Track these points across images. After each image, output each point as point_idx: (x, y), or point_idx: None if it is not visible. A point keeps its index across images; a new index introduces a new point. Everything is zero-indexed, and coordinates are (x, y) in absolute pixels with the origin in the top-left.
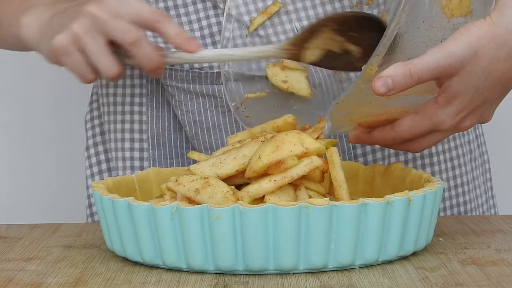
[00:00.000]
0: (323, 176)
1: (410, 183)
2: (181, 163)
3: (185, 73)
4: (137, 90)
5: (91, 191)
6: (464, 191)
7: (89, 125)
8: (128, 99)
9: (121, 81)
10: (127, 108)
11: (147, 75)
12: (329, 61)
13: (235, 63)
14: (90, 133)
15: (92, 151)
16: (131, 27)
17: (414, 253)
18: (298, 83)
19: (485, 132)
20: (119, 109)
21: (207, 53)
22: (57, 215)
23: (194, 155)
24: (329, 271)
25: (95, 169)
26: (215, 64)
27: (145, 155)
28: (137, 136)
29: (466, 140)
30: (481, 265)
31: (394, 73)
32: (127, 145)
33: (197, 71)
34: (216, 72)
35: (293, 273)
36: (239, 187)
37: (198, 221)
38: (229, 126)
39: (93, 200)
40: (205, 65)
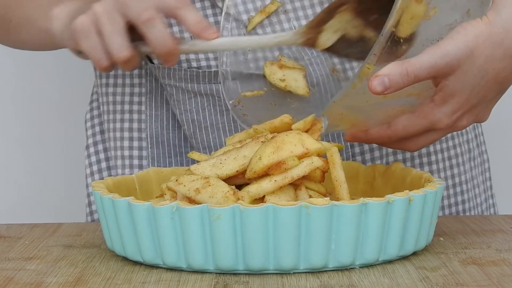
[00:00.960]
0: (324, 176)
1: (410, 183)
2: (180, 162)
3: (183, 72)
4: (137, 89)
5: (91, 189)
6: (462, 190)
7: (89, 124)
8: (127, 98)
9: (120, 80)
10: (126, 107)
11: (146, 75)
12: (344, 47)
13: (233, 62)
14: (90, 132)
15: (91, 149)
16: (149, 8)
17: (414, 253)
18: (295, 82)
19: (485, 131)
20: (119, 108)
21: (223, 41)
22: (57, 214)
23: (194, 155)
24: (329, 271)
25: (95, 168)
26: (213, 63)
27: (144, 153)
28: (136, 135)
29: (465, 139)
30: (481, 265)
31: (390, 72)
32: (126, 144)
33: (195, 70)
34: (214, 71)
35: (293, 273)
36: (240, 187)
37: (198, 220)
38: (227, 125)
39: (92, 198)
40: (203, 64)
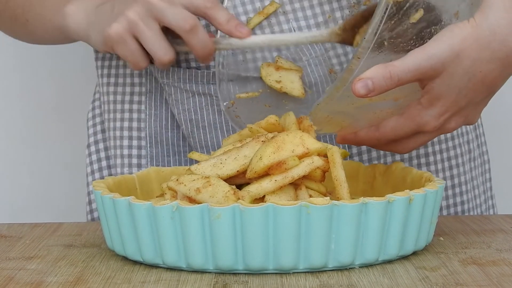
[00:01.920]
0: (324, 175)
1: (411, 183)
2: (178, 161)
3: (182, 72)
4: (137, 88)
5: (91, 188)
6: (461, 191)
7: (90, 123)
8: (127, 98)
9: (121, 80)
10: (127, 106)
11: (146, 74)
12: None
13: (231, 62)
14: (91, 131)
15: (93, 148)
16: (188, 14)
17: (414, 253)
18: (291, 83)
19: (486, 132)
20: (119, 107)
21: (257, 39)
22: (58, 214)
23: (194, 155)
24: (329, 270)
25: (96, 166)
26: (211, 64)
27: (143, 152)
28: (135, 134)
29: (465, 140)
30: (481, 265)
31: (373, 75)
32: (126, 143)
33: (193, 70)
34: (212, 71)
35: (293, 273)
36: (240, 187)
37: (198, 220)
38: (224, 124)
39: (93, 197)
40: (202, 64)
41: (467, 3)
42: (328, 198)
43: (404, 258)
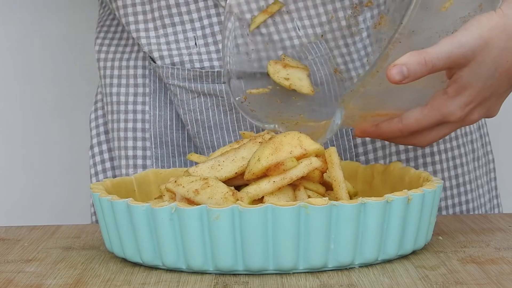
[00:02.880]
0: (323, 176)
1: (409, 182)
2: (184, 161)
3: (186, 72)
4: (140, 89)
5: None
6: (466, 190)
7: (93, 124)
8: (131, 98)
9: (124, 81)
10: (130, 107)
11: (150, 75)
12: None
13: (237, 61)
14: (94, 132)
15: (96, 149)
16: None
17: (413, 252)
18: (299, 81)
19: (490, 131)
20: (122, 108)
21: None
22: (57, 216)
23: (193, 157)
24: (328, 270)
25: (99, 168)
26: (216, 63)
27: (148, 153)
28: (140, 135)
29: (469, 139)
30: (480, 263)
31: (409, 61)
32: (130, 144)
33: (198, 70)
34: (217, 71)
35: (293, 273)
36: (238, 188)
37: (197, 221)
38: (230, 125)
39: None
40: (206, 64)
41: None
42: (327, 198)
43: (403, 257)
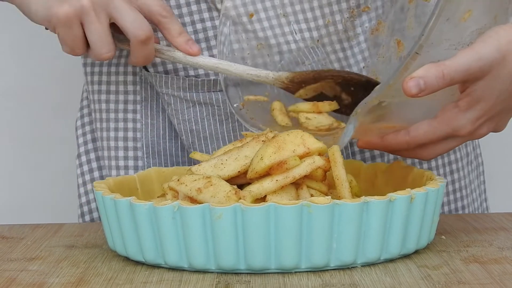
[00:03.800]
0: (325, 175)
1: (412, 181)
2: None
3: (181, 81)
4: (131, 97)
5: (83, 199)
6: (462, 195)
7: (80, 132)
8: (121, 106)
9: (113, 87)
10: (121, 115)
11: (141, 82)
12: (319, 100)
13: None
14: (81, 140)
15: (83, 158)
16: (145, 23)
17: (416, 251)
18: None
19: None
20: (112, 116)
21: (202, 61)
22: (59, 215)
23: (196, 156)
24: (331, 269)
25: (87, 177)
26: (211, 72)
27: (140, 163)
28: (131, 144)
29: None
30: (483, 263)
31: (426, 74)
32: (121, 154)
33: (193, 79)
34: (213, 79)
35: (295, 272)
36: (241, 187)
37: (199, 220)
38: (226, 134)
39: (85, 208)
40: (201, 72)
41: (504, 8)
42: (329, 197)
43: (406, 256)
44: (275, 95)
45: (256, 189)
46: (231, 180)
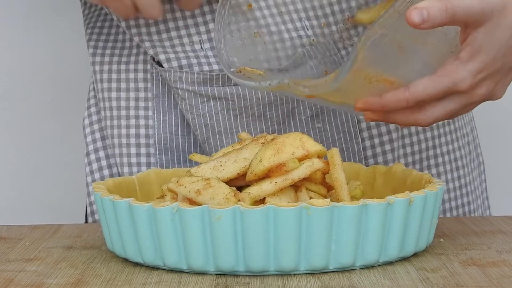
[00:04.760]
0: (324, 177)
1: (411, 184)
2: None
3: (196, 75)
4: (142, 94)
5: (93, 198)
6: (467, 191)
7: (88, 130)
8: (132, 103)
9: (123, 85)
10: (132, 112)
11: (152, 79)
12: None
13: (231, 47)
14: (90, 139)
15: (93, 157)
16: None
17: (415, 254)
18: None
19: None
20: (123, 113)
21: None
22: (58, 216)
23: (195, 157)
24: (330, 272)
25: (97, 176)
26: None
27: (152, 160)
28: (143, 141)
29: (466, 141)
30: (482, 266)
31: (430, 5)
32: (133, 151)
33: (208, 73)
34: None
35: (294, 274)
36: (240, 189)
37: (198, 222)
38: (240, 129)
39: (95, 207)
40: (215, 67)
41: None
42: (328, 199)
43: (404, 259)
44: (270, 74)
45: (255, 191)
46: (230, 182)
